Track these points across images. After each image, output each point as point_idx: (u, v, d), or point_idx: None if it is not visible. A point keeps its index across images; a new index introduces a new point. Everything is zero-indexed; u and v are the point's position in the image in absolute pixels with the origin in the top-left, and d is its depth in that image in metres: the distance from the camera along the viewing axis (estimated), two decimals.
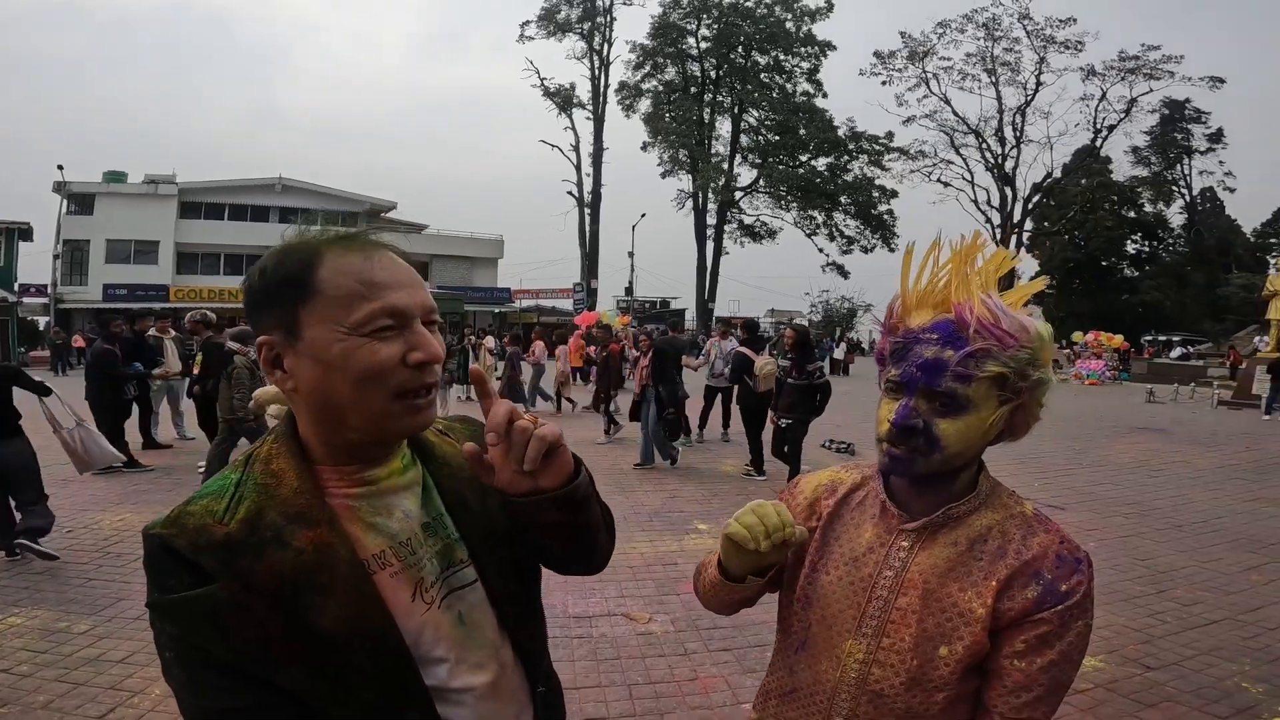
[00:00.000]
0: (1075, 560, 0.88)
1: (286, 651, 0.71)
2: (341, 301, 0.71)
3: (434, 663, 0.79)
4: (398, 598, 0.77)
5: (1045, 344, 0.87)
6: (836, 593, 0.96)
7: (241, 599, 0.69)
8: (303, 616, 0.71)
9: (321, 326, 0.71)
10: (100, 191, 30.72)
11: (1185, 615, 3.66)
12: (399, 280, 0.74)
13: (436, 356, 0.75)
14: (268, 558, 0.71)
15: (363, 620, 0.73)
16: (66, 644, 3.12)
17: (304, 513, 0.74)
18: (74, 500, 5.44)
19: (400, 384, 0.73)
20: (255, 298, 0.76)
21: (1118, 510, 5.85)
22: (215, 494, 0.75)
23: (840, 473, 1.08)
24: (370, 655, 0.74)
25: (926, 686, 0.89)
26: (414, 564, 0.79)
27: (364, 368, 0.71)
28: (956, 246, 0.91)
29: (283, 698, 0.73)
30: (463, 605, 0.83)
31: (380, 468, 0.80)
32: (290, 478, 0.75)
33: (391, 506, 0.80)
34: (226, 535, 0.71)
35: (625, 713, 2.66)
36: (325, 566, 0.72)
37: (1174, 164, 41.72)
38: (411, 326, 0.74)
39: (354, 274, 0.72)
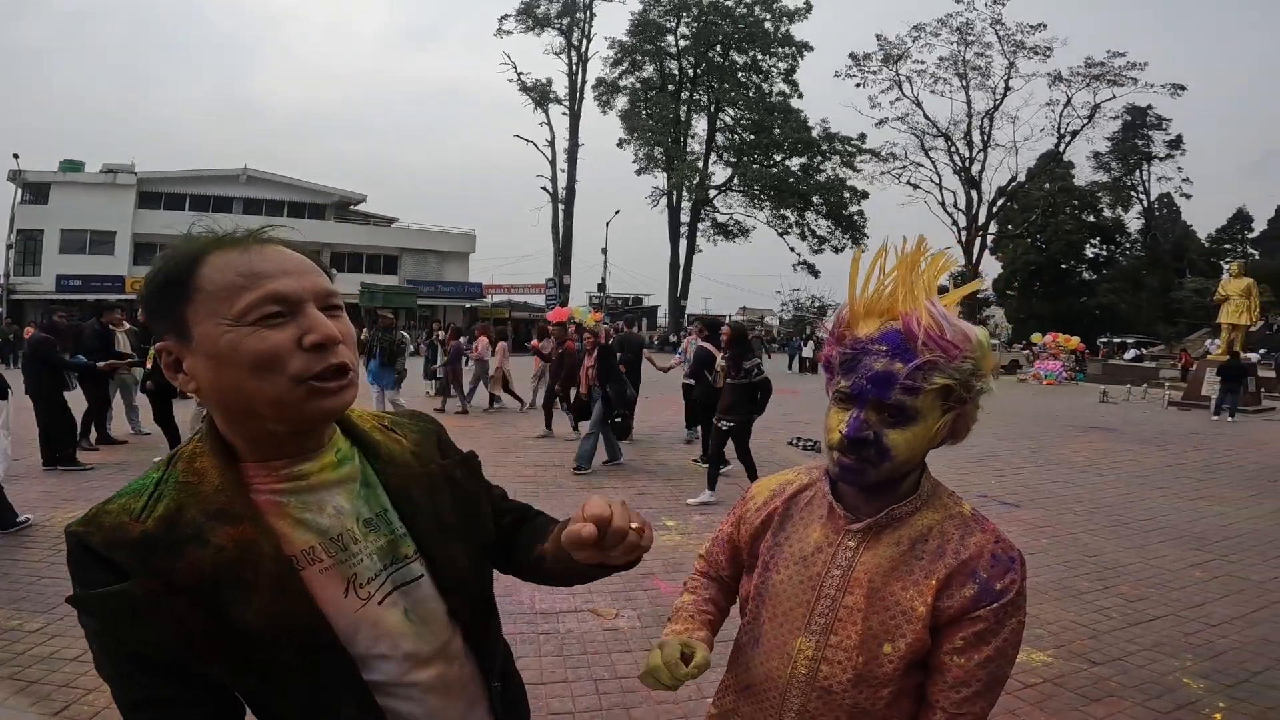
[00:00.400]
0: (1009, 560, 0.92)
1: (209, 647, 0.71)
2: (222, 295, 0.71)
3: (377, 659, 0.79)
4: (327, 594, 0.76)
5: (986, 352, 0.89)
6: (787, 591, 0.99)
7: (159, 596, 0.69)
8: (225, 613, 0.71)
9: (207, 323, 0.71)
10: (56, 180, 29.76)
11: (1130, 611, 3.76)
12: (284, 268, 0.74)
13: (331, 337, 0.73)
14: (187, 555, 0.70)
15: (289, 616, 0.72)
16: (18, 642, 3.06)
17: (225, 510, 0.73)
18: (25, 496, 5.27)
19: (299, 369, 0.72)
20: (148, 305, 0.76)
21: (1069, 508, 6.03)
22: (135, 492, 0.75)
23: (789, 474, 1.12)
24: (298, 651, 0.73)
25: (872, 682, 0.92)
26: (346, 560, 0.79)
27: (255, 356, 0.70)
28: (901, 251, 0.92)
29: (207, 690, 0.74)
30: (409, 600, 0.83)
31: (309, 463, 0.79)
32: (212, 475, 0.75)
33: (323, 502, 0.79)
34: (143, 533, 0.71)
35: (591, 707, 2.70)
36: (248, 563, 0.72)
37: (1134, 170, 43.04)
38: (303, 311, 0.73)
39: (234, 267, 0.72)
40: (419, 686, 0.82)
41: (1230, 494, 6.73)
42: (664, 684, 0.94)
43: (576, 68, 38.35)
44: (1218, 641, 3.41)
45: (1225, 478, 7.53)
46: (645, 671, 0.96)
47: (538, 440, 8.55)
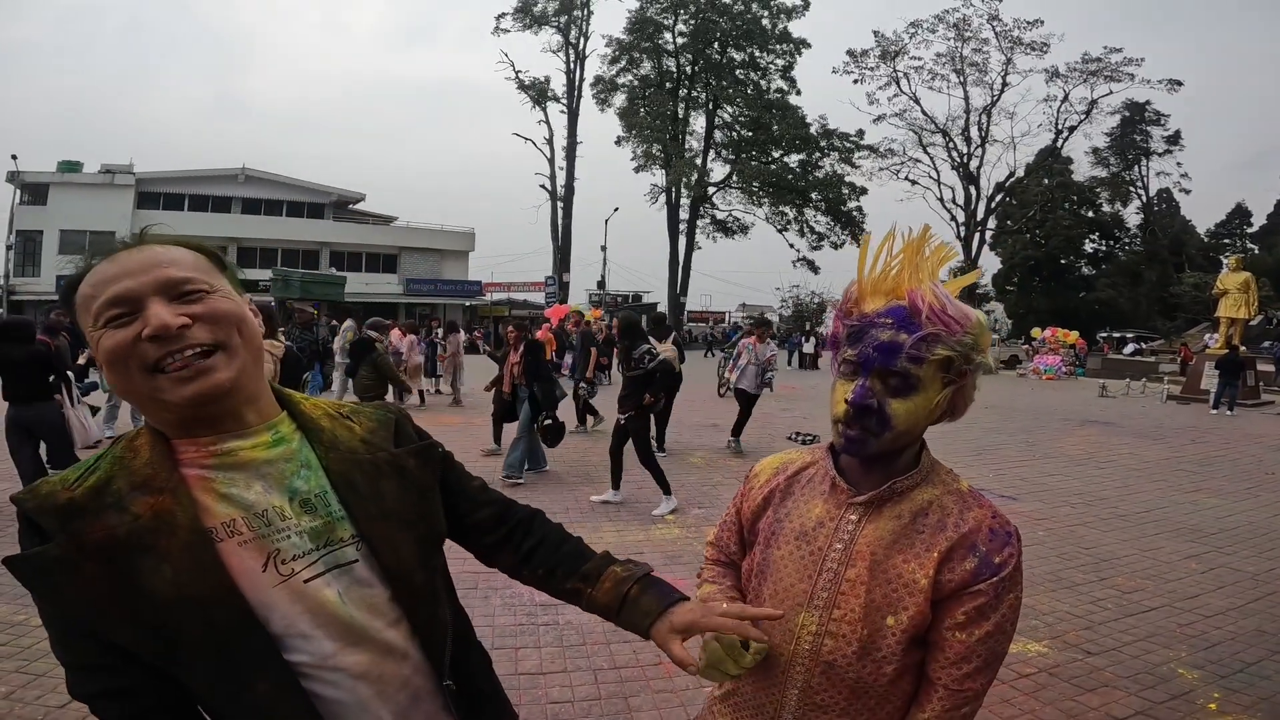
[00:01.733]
0: (1006, 534, 0.95)
1: (118, 612, 0.75)
2: (84, 307, 0.79)
3: (299, 637, 0.80)
4: (244, 566, 0.79)
5: (984, 330, 0.93)
6: (789, 567, 1.00)
7: (72, 558, 0.74)
8: (133, 579, 0.74)
9: (88, 332, 0.79)
10: (54, 181, 29.71)
11: (1125, 602, 3.79)
12: (126, 270, 0.79)
13: (164, 326, 0.76)
14: (103, 520, 0.75)
15: (198, 585, 0.75)
16: (25, 636, 3.09)
17: (149, 481, 0.78)
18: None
19: (142, 359, 0.76)
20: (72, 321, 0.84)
21: (1066, 500, 6.07)
22: (77, 467, 0.82)
23: (792, 454, 1.14)
24: (204, 621, 0.75)
25: (876, 657, 0.93)
26: (268, 535, 0.81)
27: (108, 354, 0.77)
28: (908, 238, 0.96)
29: (132, 661, 0.78)
30: (343, 583, 0.84)
31: (240, 440, 0.83)
32: (145, 451, 0.81)
33: (250, 479, 0.82)
34: (69, 499, 0.77)
35: (590, 696, 2.73)
36: (162, 531, 0.76)
37: (1132, 165, 43.01)
38: (144, 306, 0.77)
39: (92, 281, 0.79)
40: (346, 672, 0.82)
41: (1227, 487, 6.76)
42: (730, 675, 0.96)
43: (574, 66, 38.29)
44: (1212, 632, 3.43)
45: (1222, 471, 7.57)
46: (707, 665, 0.96)
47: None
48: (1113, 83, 35.19)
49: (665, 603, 0.98)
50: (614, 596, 1.00)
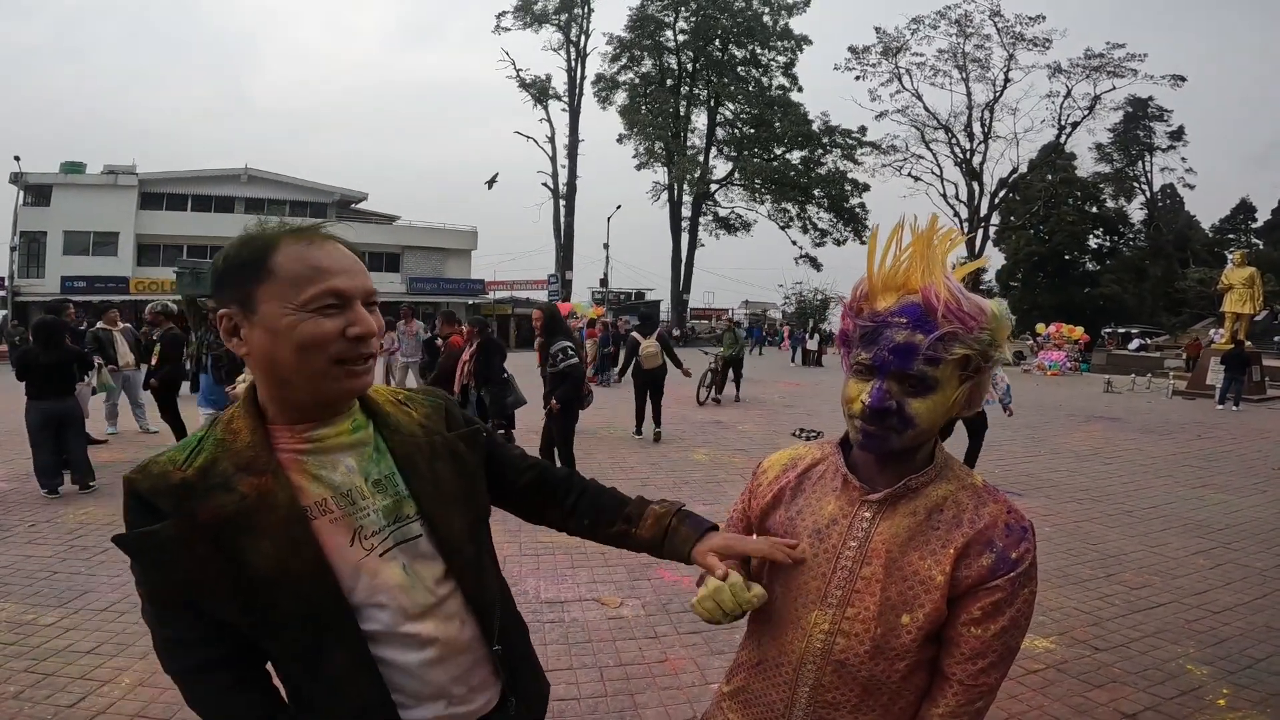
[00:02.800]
0: (1021, 529, 0.94)
1: (223, 586, 0.82)
2: (291, 283, 0.83)
3: (375, 608, 0.88)
4: (334, 541, 0.86)
5: (1001, 323, 0.91)
6: (802, 564, 0.99)
7: (186, 535, 0.80)
8: (238, 555, 0.81)
9: (274, 303, 0.83)
10: (58, 182, 29.70)
11: (1133, 599, 3.77)
12: (343, 267, 0.86)
13: (372, 331, 0.86)
14: (213, 500, 0.82)
15: (296, 561, 0.83)
16: (34, 635, 3.09)
17: (251, 462, 0.85)
18: (38, 493, 5.34)
19: (339, 352, 0.84)
20: (218, 277, 0.87)
21: (1072, 497, 6.05)
22: (182, 447, 0.88)
23: (800, 449, 1.12)
24: (297, 594, 0.83)
25: (889, 655, 0.92)
26: (353, 512, 0.88)
27: (307, 338, 0.82)
28: (916, 229, 0.93)
29: (227, 634, 0.86)
30: (408, 556, 0.92)
31: (327, 428, 0.90)
32: (245, 434, 0.87)
33: (336, 461, 0.90)
34: (182, 479, 0.83)
35: (596, 693, 2.73)
36: (264, 509, 0.83)
37: (1136, 160, 42.84)
38: (352, 306, 0.85)
39: (303, 260, 0.84)
40: (415, 639, 0.90)
41: (1234, 483, 6.73)
42: (725, 607, 0.95)
43: (575, 64, 38.25)
44: (1221, 629, 3.42)
45: (1229, 466, 7.53)
46: (705, 594, 0.96)
47: None
48: (1116, 78, 35.03)
49: (701, 529, 1.07)
50: (657, 530, 1.08)
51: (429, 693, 0.92)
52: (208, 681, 0.87)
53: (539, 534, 4.55)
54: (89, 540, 4.37)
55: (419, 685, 0.91)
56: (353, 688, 0.86)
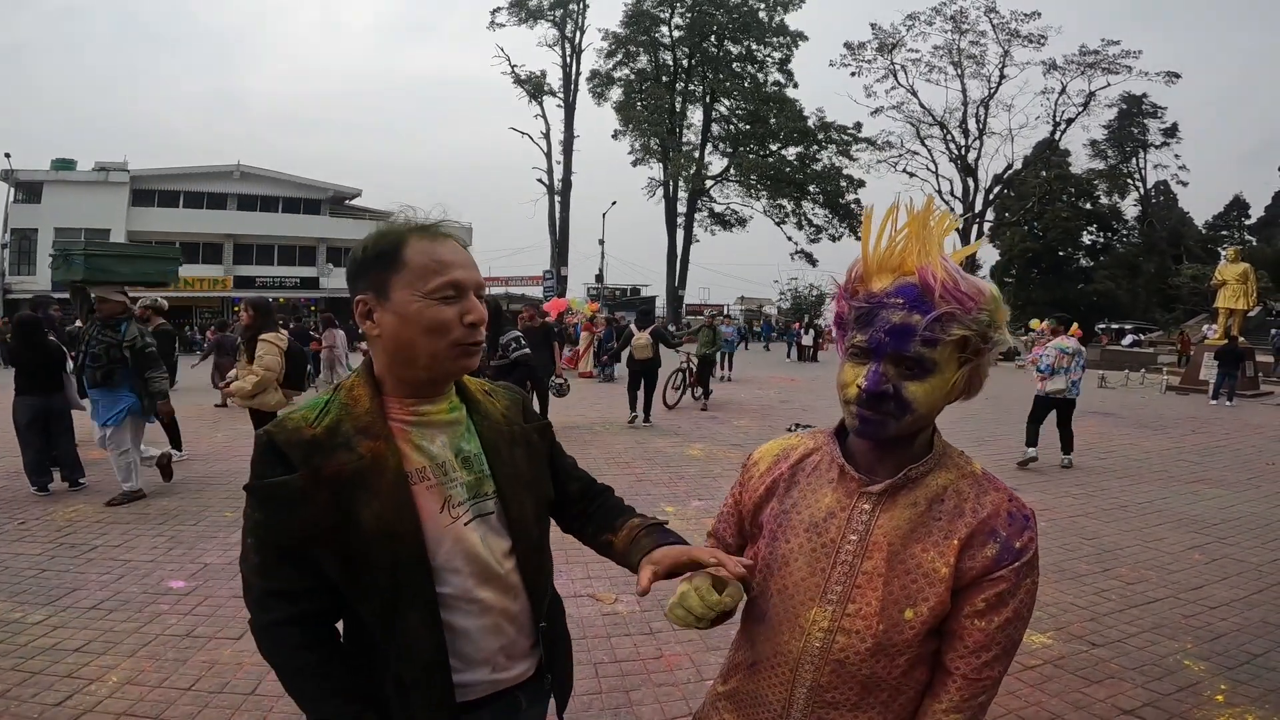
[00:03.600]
0: (1024, 517, 0.91)
1: (330, 538, 0.92)
2: (420, 274, 0.95)
3: (452, 572, 0.98)
4: (428, 507, 0.97)
5: (999, 305, 0.88)
6: (799, 560, 0.95)
7: (310, 488, 0.91)
8: (351, 510, 0.92)
9: (404, 291, 0.95)
10: (48, 179, 29.52)
11: (1129, 594, 3.77)
12: (461, 261, 0.98)
13: (484, 319, 0.99)
14: (336, 458, 0.93)
15: (396, 520, 0.93)
16: (21, 634, 3.06)
17: (369, 427, 0.96)
18: (28, 491, 5.29)
19: (458, 337, 0.96)
20: (357, 267, 0.99)
21: (1067, 491, 6.06)
22: (311, 407, 0.99)
23: (792, 439, 1.08)
24: (392, 551, 0.92)
25: (890, 651, 0.89)
26: (445, 482, 1.00)
27: (433, 322, 0.94)
28: (912, 210, 0.91)
29: (320, 593, 0.95)
30: (484, 529, 1.02)
31: (431, 405, 1.02)
32: (365, 401, 0.98)
33: (434, 435, 1.01)
34: (313, 436, 0.94)
35: (591, 690, 2.71)
36: (377, 471, 0.93)
37: (1130, 157, 42.99)
38: (467, 295, 0.98)
39: (430, 254, 0.96)
40: (479, 604, 1.00)
41: (1228, 478, 6.75)
42: (694, 612, 0.92)
43: (570, 60, 38.17)
44: (1217, 624, 3.41)
45: (1223, 462, 7.56)
46: (674, 603, 0.94)
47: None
48: (1110, 75, 35.11)
49: (659, 542, 1.09)
50: (627, 540, 1.14)
51: (480, 658, 1.01)
52: (288, 635, 0.95)
53: None
54: (78, 538, 4.33)
55: (473, 650, 1.00)
56: (421, 647, 0.94)
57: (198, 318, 30.02)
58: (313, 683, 0.96)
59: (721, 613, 0.93)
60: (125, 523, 4.66)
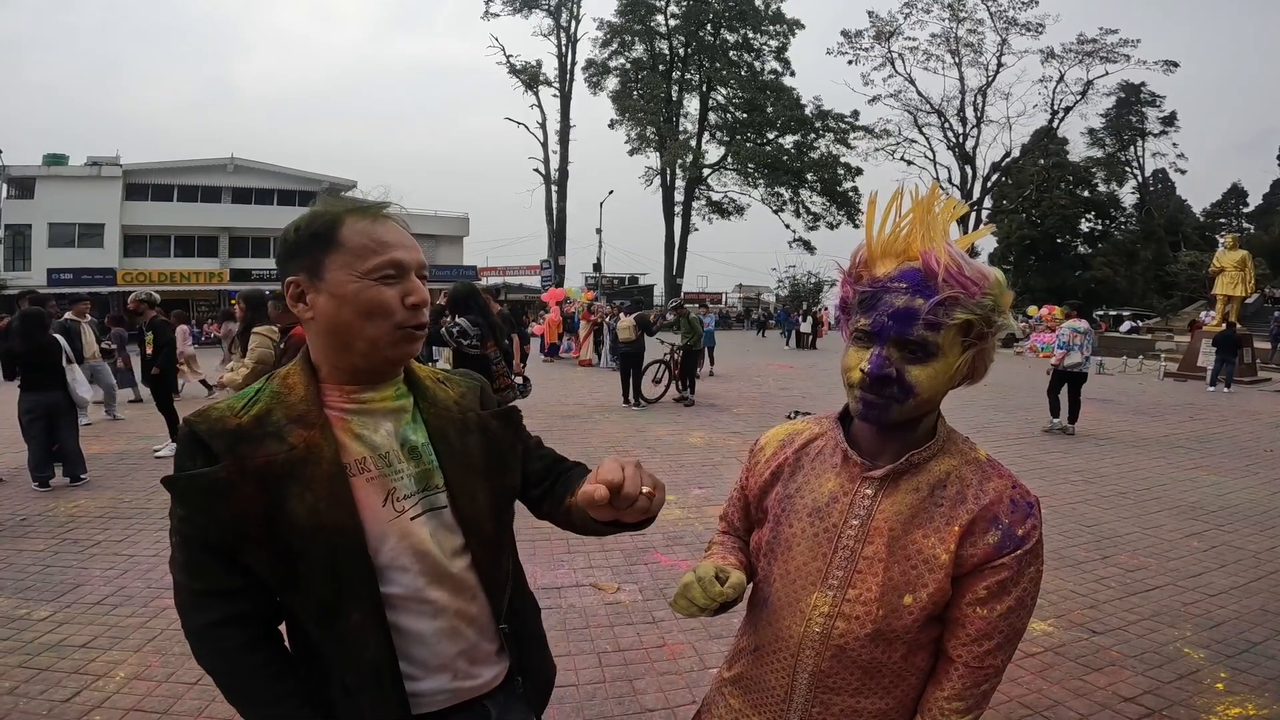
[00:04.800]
0: (1028, 505, 0.91)
1: (259, 533, 0.85)
2: (357, 253, 0.89)
3: (399, 570, 0.91)
4: (369, 500, 0.90)
5: (1003, 290, 0.88)
6: (801, 545, 0.96)
7: (235, 479, 0.84)
8: (281, 503, 0.85)
9: (341, 271, 0.89)
10: (41, 175, 29.27)
11: (1129, 581, 3.77)
12: (401, 242, 0.93)
13: (426, 300, 0.93)
14: (265, 447, 0.87)
15: (332, 513, 0.86)
16: (27, 630, 3.06)
17: (303, 416, 0.90)
18: (29, 487, 5.28)
19: (400, 319, 0.91)
20: (289, 247, 0.93)
21: (1066, 478, 6.07)
22: (240, 396, 0.92)
23: (798, 424, 1.09)
24: (329, 547, 0.86)
25: (889, 637, 0.89)
26: (389, 474, 0.93)
27: (371, 303, 0.89)
28: (916, 196, 0.91)
29: (252, 591, 0.89)
30: (435, 524, 0.95)
31: (373, 392, 0.96)
32: (299, 389, 0.92)
33: (378, 424, 0.95)
34: (238, 425, 0.87)
35: (595, 679, 2.72)
36: (310, 461, 0.87)
37: (1128, 146, 42.88)
38: (408, 276, 0.92)
39: (368, 234, 0.90)
40: (431, 605, 0.93)
41: (1226, 464, 6.77)
42: (697, 603, 0.92)
43: (566, 49, 37.91)
44: (1216, 611, 3.42)
45: (1221, 448, 7.57)
46: (677, 593, 0.94)
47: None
48: (1109, 64, 35.01)
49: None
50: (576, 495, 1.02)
51: (437, 664, 0.94)
52: (225, 638, 0.89)
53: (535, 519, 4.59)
54: (81, 533, 4.33)
55: (428, 655, 0.93)
56: (364, 648, 0.88)
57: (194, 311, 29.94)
58: (256, 687, 0.89)
59: (724, 603, 0.93)
60: (127, 518, 4.66)
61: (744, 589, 0.96)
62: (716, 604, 0.92)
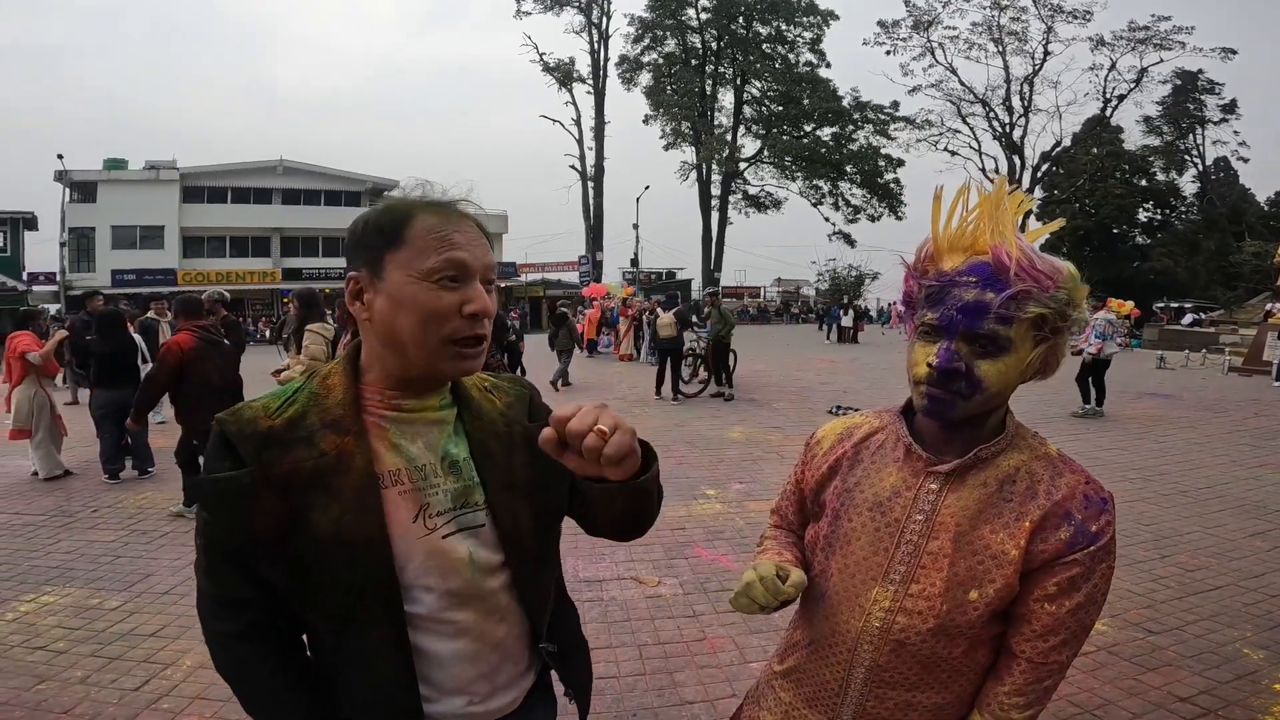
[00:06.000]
0: (1101, 500, 0.88)
1: (279, 543, 0.80)
2: (420, 252, 0.82)
3: (422, 590, 0.86)
4: (399, 514, 0.85)
5: (1078, 283, 0.86)
6: (861, 539, 0.95)
7: (258, 486, 0.79)
8: (303, 513, 0.80)
9: (400, 271, 0.83)
10: (102, 179, 30.61)
11: (1188, 580, 3.66)
12: (470, 243, 0.85)
13: (488, 310, 0.85)
14: (293, 453, 0.82)
15: (357, 527, 0.81)
16: (99, 620, 3.18)
17: (339, 421, 0.84)
18: (100, 479, 5.56)
19: (453, 330, 0.83)
20: (355, 240, 0.87)
21: (1124, 475, 5.86)
22: (278, 395, 0.88)
23: (855, 418, 1.08)
24: (350, 562, 0.81)
25: (951, 632, 0.88)
26: (423, 488, 0.87)
27: (426, 309, 0.82)
28: (983, 191, 0.90)
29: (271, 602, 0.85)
30: (471, 544, 0.89)
31: (416, 400, 0.90)
32: (338, 391, 0.87)
33: (417, 434, 0.89)
34: (269, 428, 0.83)
35: (635, 671, 2.74)
36: (340, 470, 0.82)
37: (1186, 134, 40.93)
38: (470, 282, 0.85)
39: (434, 231, 0.83)
40: (454, 626, 0.88)
41: None
42: (758, 602, 0.91)
43: (598, 46, 37.99)
44: (1278, 612, 3.29)
45: None
46: (738, 591, 0.93)
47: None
48: (1163, 51, 33.59)
49: None
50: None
51: (452, 686, 0.89)
52: (240, 649, 0.86)
53: None
54: (149, 524, 4.54)
55: (445, 678, 0.88)
56: (382, 668, 0.84)
57: (249, 310, 30.96)
58: (269, 701, 0.87)
59: (783, 601, 0.93)
60: (192, 509, 4.86)
61: (804, 587, 0.96)
62: (777, 602, 0.92)
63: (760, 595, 0.91)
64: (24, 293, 26.03)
